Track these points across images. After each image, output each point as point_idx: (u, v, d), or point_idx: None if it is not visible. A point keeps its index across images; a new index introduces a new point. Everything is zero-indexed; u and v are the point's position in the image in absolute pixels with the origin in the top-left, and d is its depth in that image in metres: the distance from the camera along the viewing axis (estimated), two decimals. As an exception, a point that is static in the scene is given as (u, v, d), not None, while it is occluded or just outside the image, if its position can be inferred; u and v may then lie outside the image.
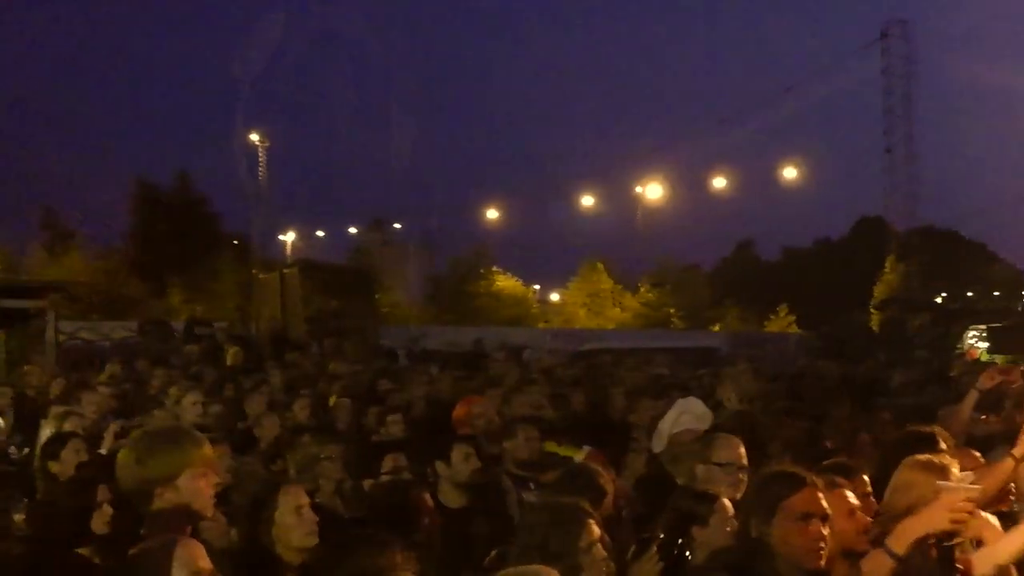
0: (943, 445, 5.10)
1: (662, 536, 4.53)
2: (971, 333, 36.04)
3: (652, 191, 51.99)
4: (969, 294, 56.12)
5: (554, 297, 62.64)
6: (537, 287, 62.48)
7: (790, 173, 50.66)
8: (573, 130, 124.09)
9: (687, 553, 4.40)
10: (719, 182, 50.95)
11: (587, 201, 52.85)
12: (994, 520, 4.65)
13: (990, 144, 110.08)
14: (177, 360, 15.85)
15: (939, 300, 54.07)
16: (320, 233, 59.77)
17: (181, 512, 3.81)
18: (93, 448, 7.10)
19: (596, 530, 4.04)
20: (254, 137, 54.96)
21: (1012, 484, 5.05)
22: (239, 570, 4.55)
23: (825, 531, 3.86)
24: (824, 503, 3.93)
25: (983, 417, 8.01)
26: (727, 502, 4.79)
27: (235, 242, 50.03)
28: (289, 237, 57.31)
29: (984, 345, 33.88)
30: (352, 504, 6.24)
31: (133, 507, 4.03)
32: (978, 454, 5.56)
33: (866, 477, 4.86)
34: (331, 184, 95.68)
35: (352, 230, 59.47)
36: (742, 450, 5.67)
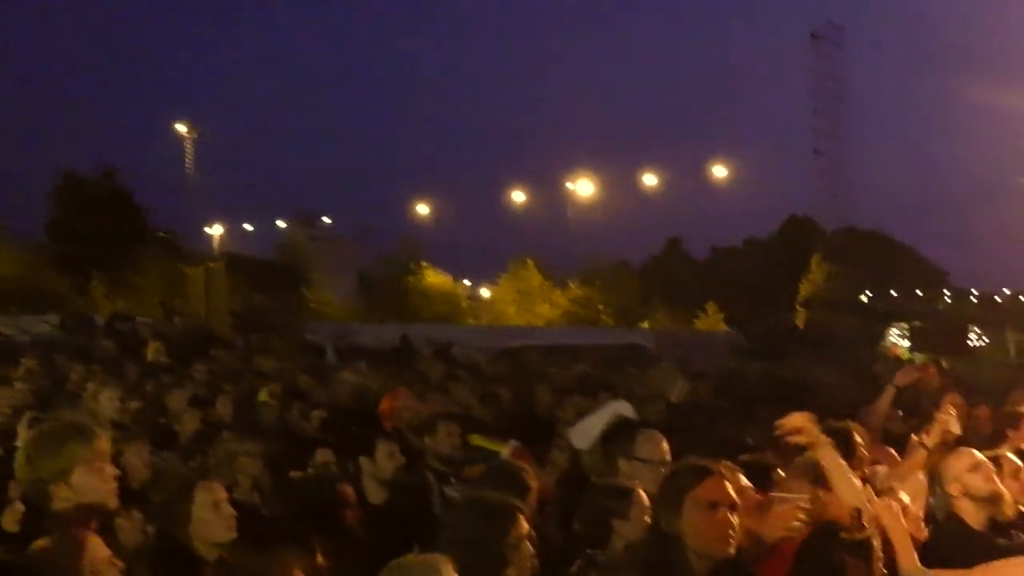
0: (858, 440, 5.18)
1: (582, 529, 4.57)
2: (893, 332, 36.75)
3: (583, 188, 52.33)
4: (893, 294, 57.00)
5: (485, 293, 62.63)
6: (468, 283, 62.52)
7: (720, 171, 51.29)
8: (505, 126, 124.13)
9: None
10: (650, 179, 51.46)
11: (519, 197, 53.09)
12: (896, 507, 4.74)
13: (915, 147, 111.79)
14: (100, 355, 15.58)
15: (864, 299, 54.91)
16: (248, 227, 59.24)
17: (83, 509, 3.77)
18: (8, 444, 6.96)
19: (525, 526, 4.05)
20: (181, 128, 54.39)
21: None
22: (155, 567, 4.50)
23: (734, 519, 3.90)
24: (731, 492, 3.97)
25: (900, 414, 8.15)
26: (643, 494, 4.82)
27: (161, 235, 49.34)
28: (216, 230, 56.75)
29: (906, 343, 34.55)
30: (271, 500, 6.19)
31: (43, 505, 3.98)
32: (892, 451, 5.67)
33: (782, 472, 4.92)
34: (260, 177, 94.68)
35: (281, 224, 59.00)
36: (665, 445, 5.71)
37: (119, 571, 3.50)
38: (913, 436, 5.32)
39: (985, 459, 5.25)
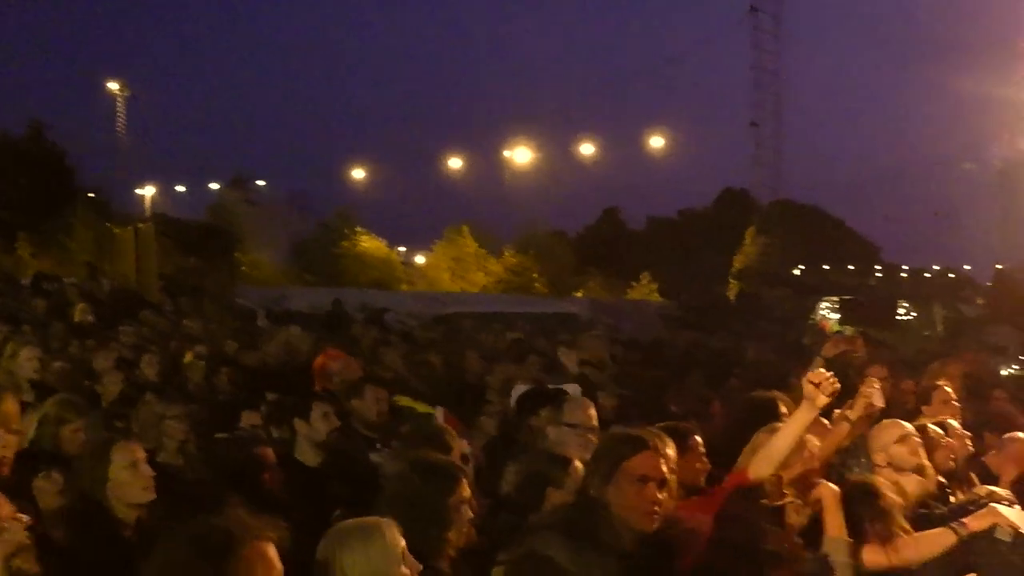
0: (783, 410, 5.23)
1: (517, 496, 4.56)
2: (823, 305, 37.21)
3: (520, 156, 52.23)
4: (825, 267, 57.63)
5: (420, 260, 62.39)
6: (402, 249, 62.23)
7: (658, 142, 51.47)
8: (443, 93, 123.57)
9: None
10: (587, 149, 51.50)
11: (455, 164, 52.90)
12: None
13: (852, 123, 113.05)
14: (26, 316, 15.31)
15: (797, 273, 55.50)
16: (180, 188, 58.37)
17: None
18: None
19: (467, 489, 4.03)
20: (113, 86, 53.32)
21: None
22: (72, 528, 4.43)
23: (661, 495, 3.90)
24: (664, 468, 3.97)
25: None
26: (579, 464, 4.81)
27: (90, 195, 48.39)
28: (148, 191, 55.84)
29: (836, 317, 35.02)
30: (196, 463, 6.12)
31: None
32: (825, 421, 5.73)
33: (699, 438, 4.96)
34: (194, 139, 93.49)
35: (213, 186, 58.13)
36: (592, 411, 5.77)
37: (23, 525, 3.43)
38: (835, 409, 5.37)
39: (913, 431, 5.31)
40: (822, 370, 4.27)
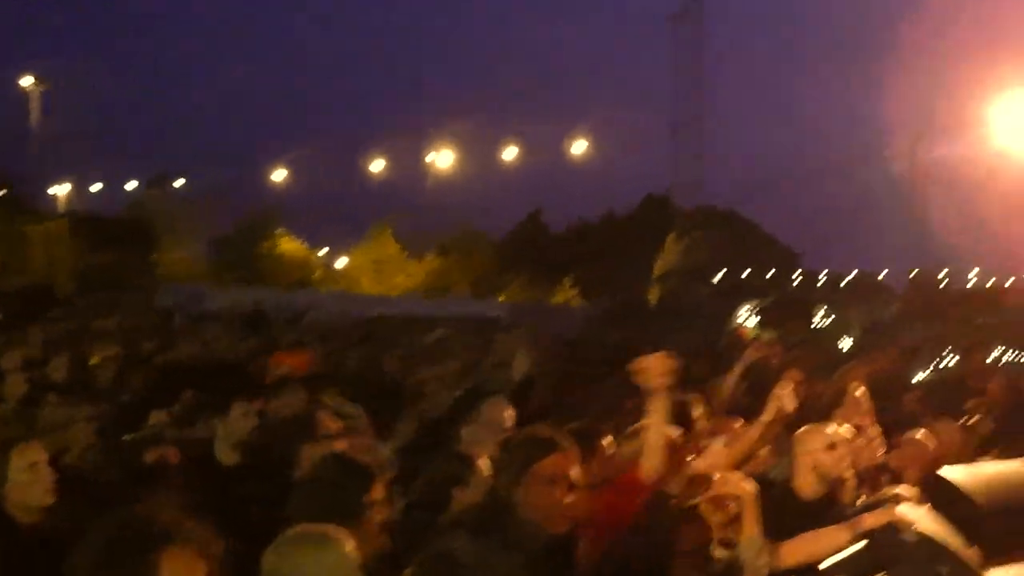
0: (695, 413, 5.26)
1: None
2: (743, 310, 37.69)
3: (443, 158, 52.24)
4: (745, 273, 58.24)
5: (343, 261, 61.99)
6: (326, 250, 61.82)
7: (582, 146, 51.79)
8: (367, 96, 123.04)
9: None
10: (511, 152, 51.68)
11: (378, 166, 52.72)
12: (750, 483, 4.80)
13: (774, 128, 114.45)
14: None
15: (717, 278, 56.06)
16: (97, 187, 57.26)
17: None
18: None
19: (382, 491, 3.99)
20: (27, 81, 52.19)
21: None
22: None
23: (570, 498, 3.88)
24: (574, 470, 3.95)
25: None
26: (485, 462, 4.78)
27: (1, 192, 47.39)
28: (63, 189, 54.73)
29: (754, 321, 35.48)
30: (102, 465, 6.00)
31: None
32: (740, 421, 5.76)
33: (609, 439, 4.98)
34: (113, 136, 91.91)
35: (132, 184, 57.11)
36: (508, 412, 5.76)
37: None
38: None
39: (843, 439, 5.29)
40: (652, 355, 4.34)
